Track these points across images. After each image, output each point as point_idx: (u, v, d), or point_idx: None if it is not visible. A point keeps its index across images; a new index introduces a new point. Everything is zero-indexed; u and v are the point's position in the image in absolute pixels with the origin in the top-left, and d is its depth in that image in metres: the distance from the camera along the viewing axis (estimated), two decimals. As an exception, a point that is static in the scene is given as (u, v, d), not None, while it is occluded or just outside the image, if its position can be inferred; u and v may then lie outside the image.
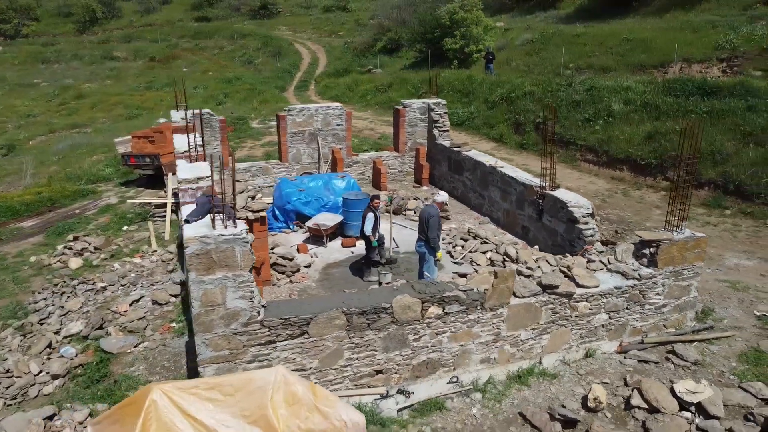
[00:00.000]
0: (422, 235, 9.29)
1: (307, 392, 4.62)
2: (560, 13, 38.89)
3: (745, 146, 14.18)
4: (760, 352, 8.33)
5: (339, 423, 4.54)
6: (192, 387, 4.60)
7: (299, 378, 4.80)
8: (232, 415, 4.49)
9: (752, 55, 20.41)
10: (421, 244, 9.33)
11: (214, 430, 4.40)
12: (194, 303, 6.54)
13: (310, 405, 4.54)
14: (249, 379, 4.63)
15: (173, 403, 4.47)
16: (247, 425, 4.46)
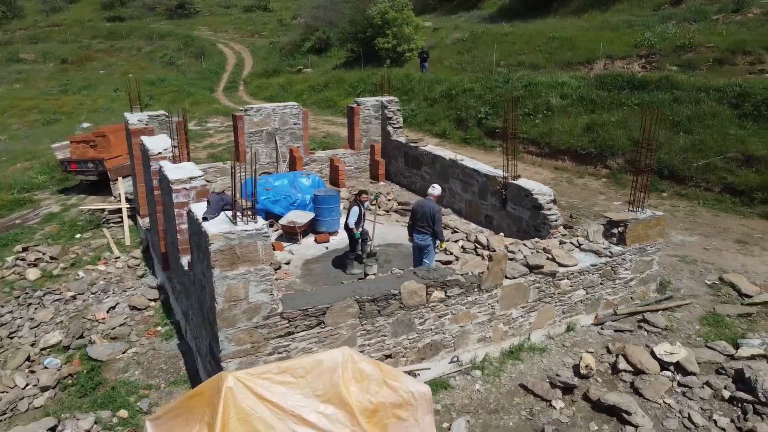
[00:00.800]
0: (424, 228, 9.61)
1: (374, 368, 4.90)
2: (483, 13, 40.39)
3: (675, 135, 15.58)
4: (717, 315, 9.34)
5: (407, 395, 4.86)
6: (264, 372, 4.76)
7: (363, 356, 5.07)
8: (304, 395, 4.71)
9: (668, 51, 22.25)
10: (424, 237, 9.65)
11: (292, 411, 4.60)
12: (218, 299, 6.61)
13: (378, 380, 4.83)
14: (318, 361, 4.85)
15: (248, 389, 4.63)
16: (320, 404, 4.69)
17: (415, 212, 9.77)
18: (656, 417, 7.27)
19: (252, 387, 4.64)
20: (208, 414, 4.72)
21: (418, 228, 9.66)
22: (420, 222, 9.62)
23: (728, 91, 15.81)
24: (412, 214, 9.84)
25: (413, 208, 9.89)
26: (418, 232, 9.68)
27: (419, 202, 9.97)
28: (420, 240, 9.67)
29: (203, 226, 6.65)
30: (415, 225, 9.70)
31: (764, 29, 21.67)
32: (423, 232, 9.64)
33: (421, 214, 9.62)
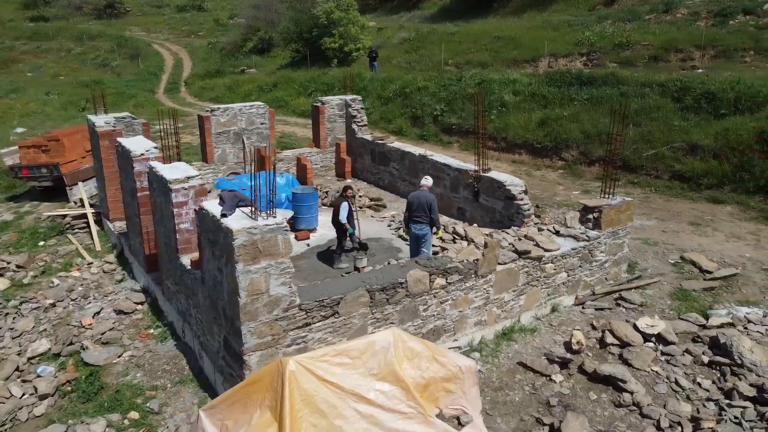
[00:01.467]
0: (421, 217, 9.96)
1: (422, 346, 5.22)
2: (424, 13, 41.25)
3: (624, 127, 16.63)
4: (684, 291, 10.19)
5: (455, 369, 5.19)
6: (322, 356, 4.99)
7: (411, 335, 5.37)
8: (361, 375, 4.97)
9: (607, 49, 23.60)
10: (421, 227, 10.00)
11: (351, 391, 4.85)
12: (241, 293, 6.73)
13: (428, 357, 5.15)
14: (371, 342, 5.11)
15: (309, 372, 4.85)
16: (377, 382, 4.96)
17: (410, 204, 10.11)
18: (647, 383, 7.94)
19: (313, 370, 4.87)
20: (269, 398, 4.91)
21: (414, 218, 10.01)
22: (416, 212, 9.98)
23: (670, 86, 17.04)
24: (408, 206, 10.18)
25: (409, 200, 10.23)
26: (415, 223, 10.03)
27: (414, 194, 10.32)
28: (418, 230, 10.02)
29: (224, 222, 6.76)
30: (412, 216, 10.05)
31: (692, 28, 23.36)
32: (420, 222, 10.00)
33: (417, 205, 9.98)
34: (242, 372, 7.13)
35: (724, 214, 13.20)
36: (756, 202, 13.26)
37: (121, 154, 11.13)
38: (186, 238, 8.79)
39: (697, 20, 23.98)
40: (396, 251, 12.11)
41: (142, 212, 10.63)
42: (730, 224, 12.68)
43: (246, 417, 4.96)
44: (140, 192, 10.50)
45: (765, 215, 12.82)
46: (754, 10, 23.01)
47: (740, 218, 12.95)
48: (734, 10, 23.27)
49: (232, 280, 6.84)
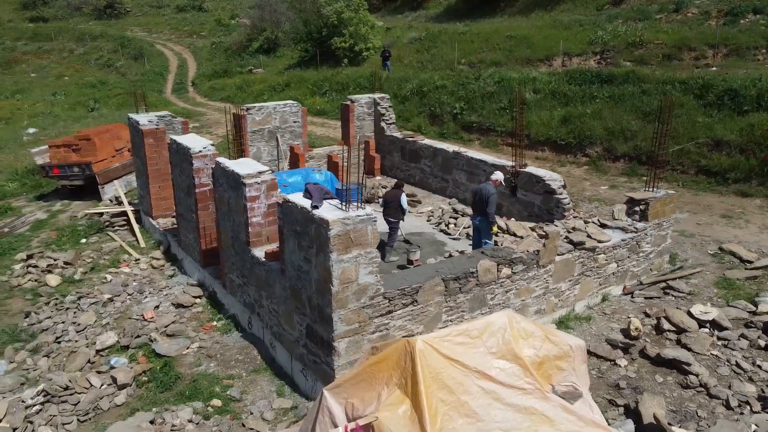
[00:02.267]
0: (479, 209, 10.33)
1: (534, 326, 5.53)
2: (429, 13, 41.55)
3: (648, 124, 17.06)
4: (728, 280, 10.57)
5: (566, 347, 5.51)
6: (445, 336, 5.28)
7: (522, 317, 5.68)
8: (481, 353, 5.27)
9: (621, 48, 24.00)
10: (480, 218, 10.37)
11: (474, 368, 5.15)
12: (333, 281, 7.00)
13: (541, 336, 5.46)
14: (489, 323, 5.41)
15: (436, 351, 5.15)
16: (496, 360, 5.27)
17: (473, 195, 10.45)
18: (708, 366, 8.29)
19: (439, 349, 5.16)
20: (396, 376, 5.20)
21: (474, 210, 10.37)
22: (475, 205, 10.34)
23: (691, 83, 17.45)
24: (472, 197, 10.50)
25: (472, 191, 10.56)
26: (475, 215, 10.38)
27: (477, 187, 10.65)
28: (477, 221, 10.36)
29: (317, 213, 7.03)
30: (474, 208, 10.38)
31: (704, 27, 23.81)
32: (476, 214, 10.37)
33: (478, 197, 10.32)
34: (330, 358, 7.41)
35: (753, 207, 13.61)
36: (783, 195, 13.71)
37: (175, 151, 11.35)
38: (257, 231, 9.05)
39: (708, 19, 24.46)
40: (440, 245, 12.41)
41: (200, 208, 10.88)
42: (762, 216, 13.10)
43: (372, 395, 5.24)
44: (199, 188, 10.76)
45: (794, 208, 13.26)
46: (764, 9, 23.52)
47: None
48: (744, 9, 23.77)
49: (323, 270, 7.11)
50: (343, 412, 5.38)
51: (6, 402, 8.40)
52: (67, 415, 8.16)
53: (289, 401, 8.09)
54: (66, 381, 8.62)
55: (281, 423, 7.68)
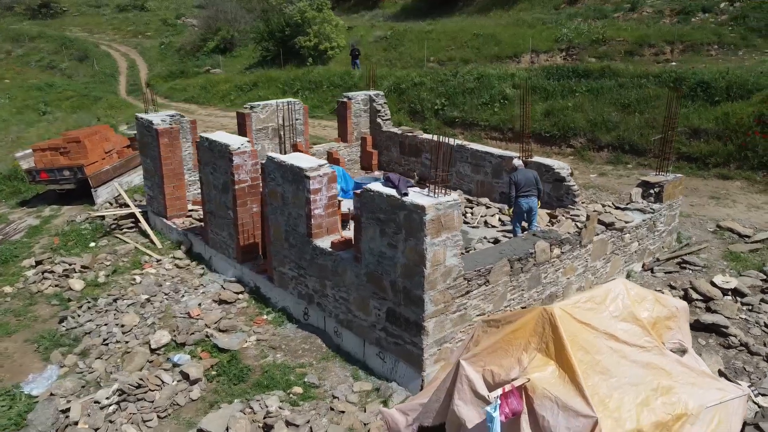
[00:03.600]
0: (531, 191, 10.96)
1: (645, 291, 6.12)
2: (386, 12, 42.13)
3: (628, 115, 18.24)
4: (733, 253, 11.61)
5: (673, 309, 6.12)
6: (575, 303, 5.79)
7: (633, 284, 6.25)
8: (606, 317, 5.80)
9: (585, 45, 25.35)
10: (533, 199, 11.00)
11: (604, 330, 5.68)
12: (427, 264, 7.39)
13: (652, 300, 6.05)
14: (608, 290, 5.96)
15: (570, 316, 5.64)
16: (619, 322, 5.82)
17: (518, 182, 11.03)
18: (741, 328, 9.20)
19: (572, 314, 5.67)
20: (534, 341, 5.68)
21: (524, 194, 10.98)
22: (525, 188, 10.98)
23: (665, 77, 18.76)
24: (516, 184, 11.07)
25: (516, 180, 11.11)
26: (526, 197, 11.00)
27: (518, 173, 11.23)
28: (531, 203, 11.05)
29: (410, 200, 7.40)
30: (521, 192, 10.98)
31: (659, 25, 25.49)
32: (530, 196, 11.02)
33: (525, 181, 10.97)
34: (418, 338, 7.79)
35: (735, 189, 14.89)
36: (761, 177, 15.04)
37: (207, 149, 11.37)
38: (319, 223, 9.29)
39: (662, 18, 26.18)
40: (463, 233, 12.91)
41: (239, 204, 10.97)
42: (745, 196, 14.36)
43: (511, 361, 5.68)
44: (237, 185, 10.85)
45: (771, 188, 14.61)
46: (711, 8, 25.42)
47: (751, 191, 14.67)
48: (694, 8, 25.61)
49: (414, 254, 7.48)
50: (481, 379, 5.80)
51: (79, 404, 8.32)
52: (146, 412, 8.17)
53: (368, 384, 8.40)
54: (137, 379, 8.60)
55: (369, 404, 7.99)
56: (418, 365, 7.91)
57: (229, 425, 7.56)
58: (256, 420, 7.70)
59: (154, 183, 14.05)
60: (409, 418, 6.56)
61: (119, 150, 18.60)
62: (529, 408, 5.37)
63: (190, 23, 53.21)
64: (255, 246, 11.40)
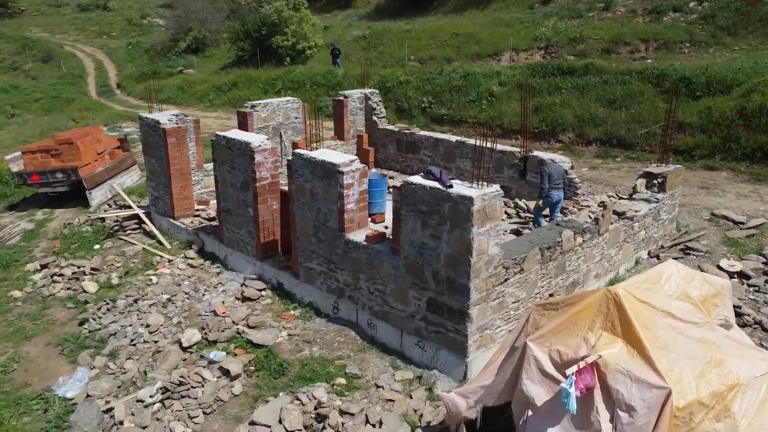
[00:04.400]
0: (560, 185, 11.41)
1: (693, 271, 6.50)
2: (359, 12, 42.27)
3: (614, 111, 18.90)
4: (731, 239, 12.26)
5: (719, 287, 6.52)
6: (634, 284, 6.13)
7: (681, 264, 6.62)
8: (662, 296, 6.15)
9: (563, 44, 26.06)
10: (561, 191, 11.43)
11: (662, 309, 6.03)
12: (473, 253, 7.65)
13: (700, 279, 6.44)
14: (661, 270, 6.32)
15: (632, 296, 5.96)
16: (673, 300, 6.18)
17: (551, 174, 11.47)
18: (752, 308, 9.76)
19: (634, 294, 6.01)
20: (599, 321, 5.99)
21: (555, 186, 11.42)
22: (557, 180, 11.43)
23: (647, 73, 19.50)
24: (549, 176, 11.44)
25: (549, 172, 11.49)
26: (557, 189, 11.43)
27: (551, 166, 11.61)
28: (560, 195, 11.52)
29: (457, 191, 7.64)
30: (552, 184, 11.39)
31: (634, 24, 26.39)
32: (560, 188, 11.46)
33: (558, 174, 11.42)
34: (462, 326, 8.05)
35: (722, 179, 15.64)
36: (745, 167, 15.84)
37: (225, 147, 11.38)
38: (351, 217, 9.45)
39: (635, 17, 27.11)
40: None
41: (259, 202, 11.03)
42: (733, 186, 15.11)
43: (577, 340, 5.98)
44: (258, 182, 10.91)
45: (756, 177, 15.39)
46: (682, 8, 26.46)
47: (737, 181, 15.44)
48: (666, 8, 26.60)
49: (460, 243, 7.72)
50: (548, 359, 6.08)
51: (122, 403, 8.29)
52: (192, 409, 8.20)
53: (409, 373, 8.61)
54: (177, 377, 8.61)
55: (414, 391, 8.20)
56: (462, 352, 8.17)
57: (282, 417, 7.67)
58: (307, 411, 7.83)
59: (159, 183, 13.93)
60: (470, 401, 6.79)
61: (110, 151, 18.29)
62: (601, 383, 5.67)
63: (157, 23, 52.32)
64: (275, 243, 11.48)
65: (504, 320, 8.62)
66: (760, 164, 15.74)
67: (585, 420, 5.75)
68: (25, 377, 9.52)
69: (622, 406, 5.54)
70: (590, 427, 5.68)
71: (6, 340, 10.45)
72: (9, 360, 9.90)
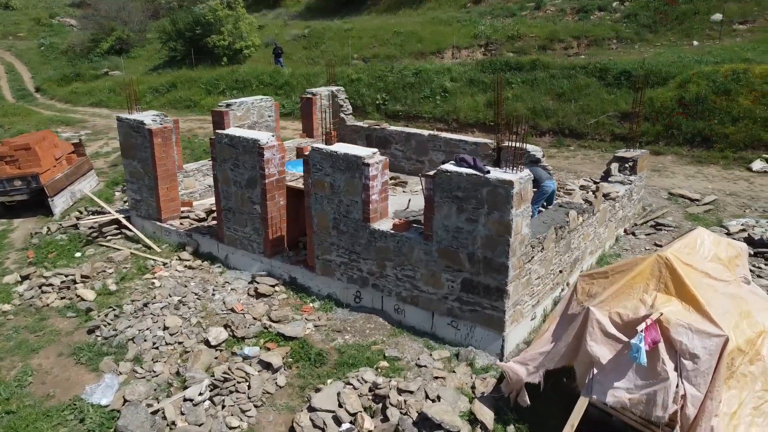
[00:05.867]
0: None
1: (718, 237, 7.39)
2: (290, 11, 42.06)
3: (563, 103, 20.21)
4: (692, 214, 13.63)
5: (739, 249, 7.43)
6: (678, 249, 6.92)
7: (709, 231, 7.48)
8: (699, 259, 6.97)
9: (502, 41, 27.37)
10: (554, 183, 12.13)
11: (701, 269, 6.86)
12: (512, 233, 8.22)
13: (725, 243, 7.33)
14: (694, 237, 7.15)
15: (678, 260, 6.75)
16: (707, 263, 7.04)
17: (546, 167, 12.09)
18: (728, 273, 10.98)
19: (680, 258, 6.81)
20: (653, 283, 6.75)
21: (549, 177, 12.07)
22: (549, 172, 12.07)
23: (590, 68, 20.97)
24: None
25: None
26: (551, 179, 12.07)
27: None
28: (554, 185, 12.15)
29: (496, 176, 8.20)
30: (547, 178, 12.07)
31: (564, 22, 28.14)
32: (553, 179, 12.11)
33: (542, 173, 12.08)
34: (500, 302, 8.61)
35: (669, 162, 17.22)
36: (687, 151, 17.51)
37: (228, 145, 11.35)
38: (375, 208, 9.77)
39: (565, 15, 28.90)
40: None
41: (268, 198, 11.12)
42: (680, 168, 16.69)
43: (634, 302, 6.70)
44: (267, 179, 11.00)
45: (698, 159, 17.08)
46: (606, 7, 28.50)
47: (681, 164, 17.06)
48: (592, 7, 28.56)
49: (499, 225, 8.27)
50: (609, 321, 6.77)
51: (170, 404, 8.23)
52: (243, 403, 8.27)
53: (446, 351, 9.08)
54: (221, 374, 8.64)
55: (456, 367, 8.67)
56: (500, 327, 8.74)
57: (341, 401, 7.92)
58: (362, 393, 8.13)
59: (142, 186, 13.56)
60: (530, 367, 7.38)
61: (66, 156, 17.46)
62: (664, 337, 6.41)
63: (68, 23, 49.56)
64: (282, 239, 11.58)
65: (529, 296, 9.28)
66: (700, 148, 17.47)
67: (650, 372, 6.47)
68: (45, 389, 9.17)
69: (686, 355, 6.30)
70: (657, 377, 6.40)
71: (11, 354, 9.95)
72: (21, 374, 9.47)
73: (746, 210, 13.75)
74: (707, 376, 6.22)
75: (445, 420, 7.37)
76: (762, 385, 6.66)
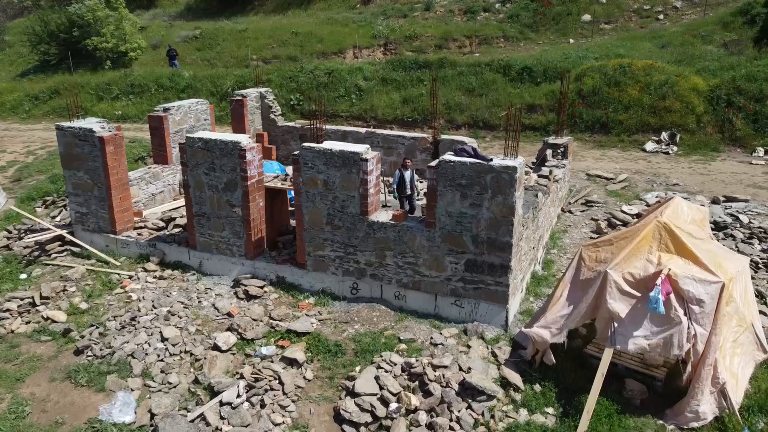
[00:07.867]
0: None
1: (688, 203, 8.81)
2: (168, 12, 40.20)
3: (474, 98, 21.67)
4: (611, 191, 15.51)
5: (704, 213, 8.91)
6: (669, 215, 8.17)
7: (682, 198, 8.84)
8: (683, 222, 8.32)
9: (401, 41, 28.51)
10: None
11: (686, 230, 8.20)
12: (515, 214, 9.11)
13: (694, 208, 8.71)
14: (677, 203, 8.43)
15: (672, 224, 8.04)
16: (688, 224, 8.40)
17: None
18: (659, 238, 12.80)
19: (674, 222, 8.10)
20: (655, 245, 7.97)
21: None
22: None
23: (495, 65, 22.66)
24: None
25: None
26: None
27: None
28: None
29: (499, 163, 9.05)
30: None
31: (455, 23, 29.90)
32: None
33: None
34: (504, 277, 9.50)
35: (575, 148, 19.21)
36: (589, 137, 19.70)
37: (202, 149, 11.16)
38: (371, 201, 10.22)
39: (454, 16, 30.66)
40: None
41: (250, 200, 11.13)
42: (586, 152, 18.76)
43: (641, 262, 7.85)
44: (249, 180, 11.02)
45: (599, 144, 19.31)
46: (490, 8, 30.69)
47: (586, 148, 19.17)
48: (478, 8, 30.58)
49: (503, 207, 9.13)
50: (623, 281, 7.89)
51: (210, 410, 8.15)
52: (281, 399, 8.41)
53: (453, 329, 9.79)
54: (249, 375, 8.67)
55: (469, 341, 9.42)
56: (504, 300, 9.62)
57: (381, 384, 8.36)
58: (397, 375, 8.61)
59: (89, 197, 12.78)
60: (553, 330, 8.33)
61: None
62: (674, 288, 7.62)
63: None
64: (263, 240, 11.60)
65: (519, 270, 10.27)
66: (600, 134, 19.75)
67: (663, 318, 7.66)
68: (49, 417, 8.60)
69: (693, 301, 7.57)
70: (671, 322, 7.61)
71: (-6, 387, 9.13)
72: (15, 405, 8.76)
73: (653, 185, 15.92)
74: (711, 316, 7.52)
75: (486, 386, 8.09)
76: (737, 321, 8.13)
